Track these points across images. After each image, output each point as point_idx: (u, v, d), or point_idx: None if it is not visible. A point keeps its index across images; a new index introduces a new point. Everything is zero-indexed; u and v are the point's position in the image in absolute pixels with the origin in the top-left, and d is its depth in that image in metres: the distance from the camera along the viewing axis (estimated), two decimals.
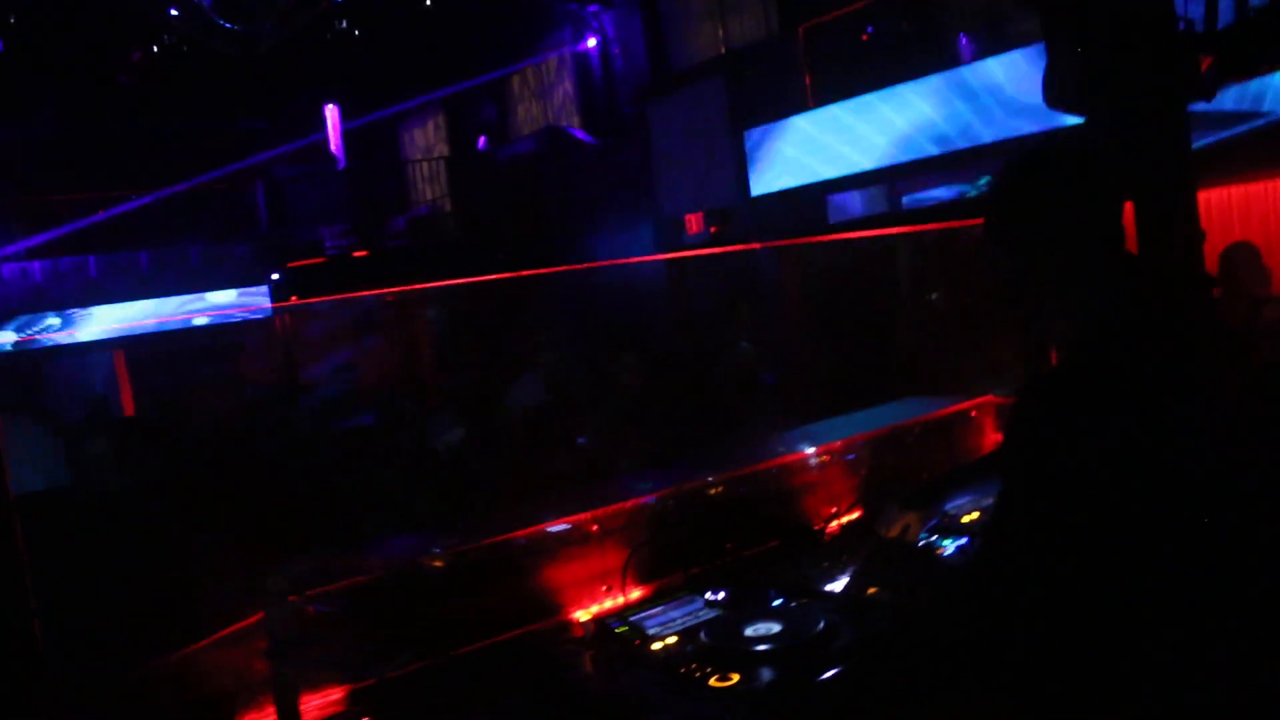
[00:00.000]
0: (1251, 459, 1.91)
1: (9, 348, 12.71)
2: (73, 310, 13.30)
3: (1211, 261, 5.16)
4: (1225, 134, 7.50)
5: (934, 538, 3.12)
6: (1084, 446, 1.81)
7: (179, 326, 13.58)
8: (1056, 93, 3.69)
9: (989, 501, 3.29)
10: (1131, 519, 1.81)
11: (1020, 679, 2.02)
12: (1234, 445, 1.88)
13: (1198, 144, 3.76)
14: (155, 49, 15.60)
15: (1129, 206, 3.14)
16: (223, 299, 14.08)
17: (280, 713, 2.62)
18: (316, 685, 2.73)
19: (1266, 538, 1.85)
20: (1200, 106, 3.54)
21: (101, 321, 13.52)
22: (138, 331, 13.41)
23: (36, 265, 14.06)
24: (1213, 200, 7.91)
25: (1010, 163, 2.06)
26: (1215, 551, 1.82)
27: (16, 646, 2.69)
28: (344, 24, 15.85)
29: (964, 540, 3.09)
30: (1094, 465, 1.80)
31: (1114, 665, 1.85)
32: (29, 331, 13.07)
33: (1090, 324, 1.93)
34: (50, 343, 12.99)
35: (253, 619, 2.75)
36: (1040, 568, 1.89)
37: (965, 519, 3.26)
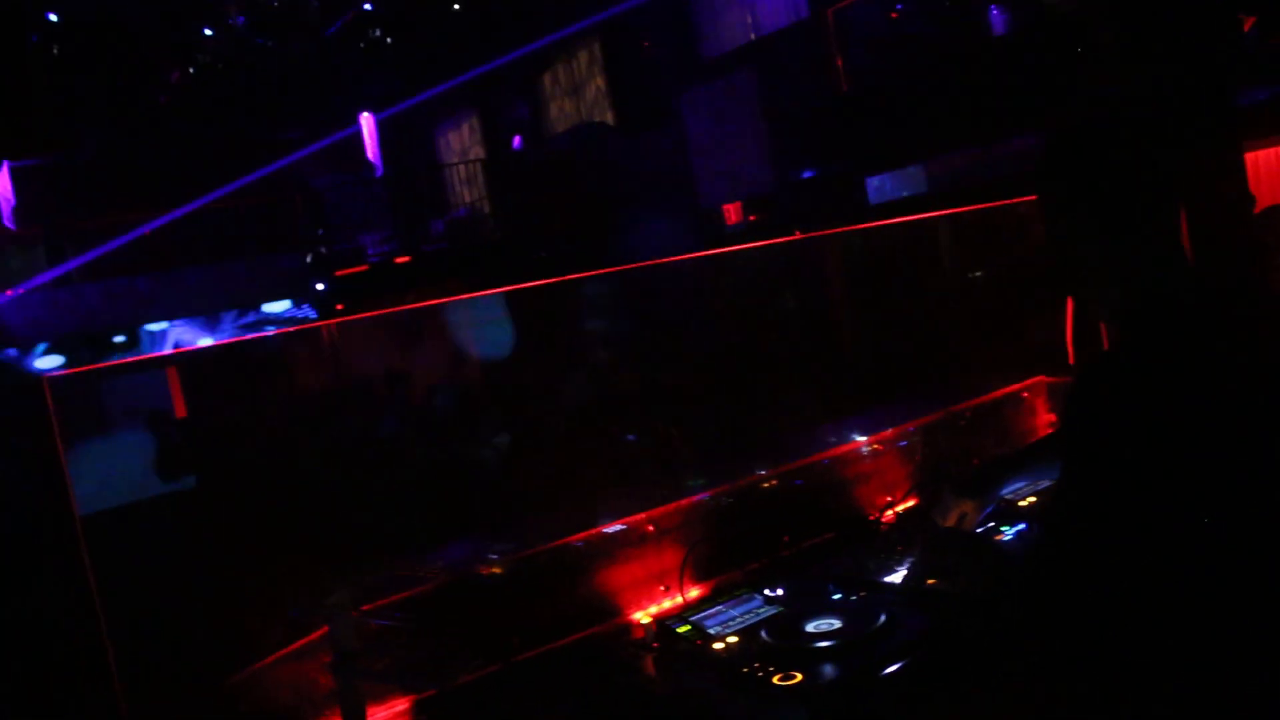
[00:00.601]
0: None
1: (57, 370, 12.94)
2: (135, 329, 13.56)
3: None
4: (1272, 90, 7.36)
5: (991, 524, 3.09)
6: (1146, 427, 1.78)
7: (233, 339, 13.78)
8: (1093, 60, 3.63)
9: (1045, 484, 3.26)
10: (1197, 501, 1.78)
11: (1085, 666, 1.99)
12: None
13: (1242, 103, 3.68)
14: (191, 69, 15.80)
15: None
16: (277, 309, 14.32)
17: None
18: (382, 697, 2.76)
19: None
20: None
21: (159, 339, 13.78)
22: (196, 347, 13.62)
23: (89, 288, 14.31)
24: (1260, 160, 7.76)
25: (1059, 135, 2.02)
26: None
27: (89, 669, 2.74)
28: (377, 32, 15.95)
29: (1022, 526, 3.06)
30: (1157, 447, 1.77)
31: (1181, 652, 1.82)
32: (90, 352, 13.34)
33: (1145, 300, 1.90)
34: (110, 362, 13.20)
35: (316, 634, 2.78)
36: (1104, 553, 1.87)
37: (1022, 503, 3.23)
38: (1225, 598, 1.78)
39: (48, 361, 13.25)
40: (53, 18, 12.61)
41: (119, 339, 13.55)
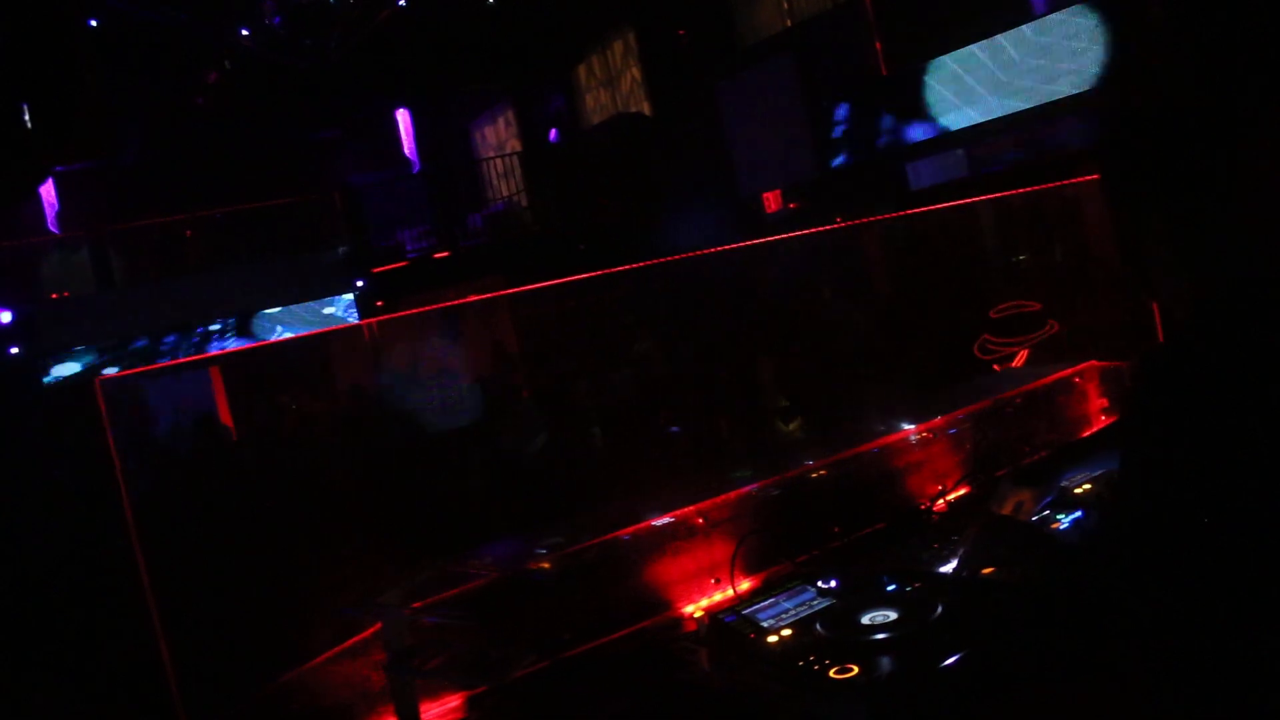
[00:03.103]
0: None
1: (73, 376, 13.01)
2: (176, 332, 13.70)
3: None
4: None
5: (1047, 512, 3.04)
6: (1212, 420, 1.73)
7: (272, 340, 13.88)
8: (1142, 34, 3.55)
9: (1100, 472, 3.21)
10: (1263, 494, 1.73)
11: (1145, 657, 1.96)
12: None
13: None
14: (228, 69, 15.90)
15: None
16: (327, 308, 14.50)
17: None
18: (435, 694, 2.76)
19: None
20: None
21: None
22: (236, 347, 13.73)
23: (131, 291, 14.47)
24: None
25: (1125, 110, 1.96)
26: None
27: (144, 669, 2.76)
28: (411, 28, 15.94)
29: (1078, 514, 3.01)
30: (1222, 437, 1.72)
31: (1241, 643, 1.78)
32: (131, 356, 13.46)
33: (1214, 285, 1.84)
34: (156, 364, 13.32)
35: (369, 632, 2.79)
36: (1164, 546, 1.82)
37: (1078, 490, 3.17)
38: None
39: (65, 369, 13.28)
40: (93, 23, 12.73)
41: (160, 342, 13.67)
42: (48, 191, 16.74)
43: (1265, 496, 1.73)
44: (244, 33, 14.11)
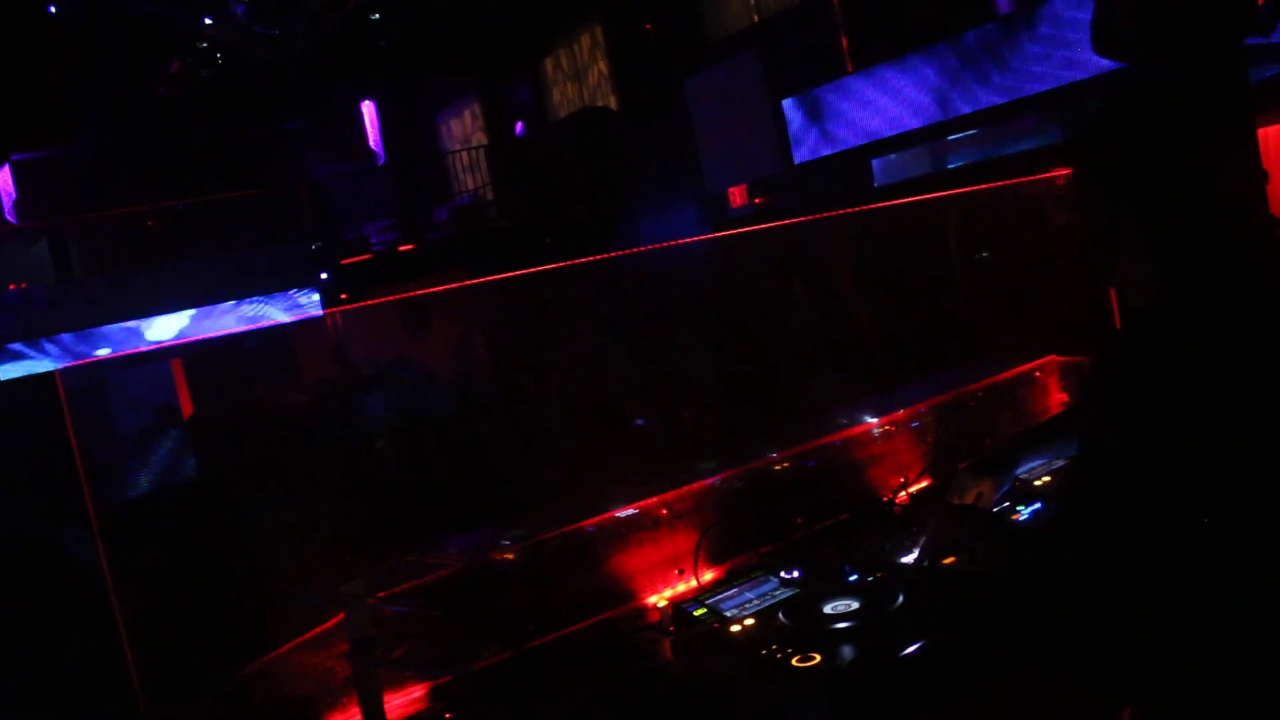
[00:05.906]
0: None
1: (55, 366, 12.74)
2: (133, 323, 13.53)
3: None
4: None
5: (1006, 504, 3.08)
6: (1170, 402, 1.76)
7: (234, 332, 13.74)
8: (1106, 37, 3.59)
9: (1060, 464, 3.25)
10: (1220, 477, 1.76)
11: (1103, 642, 1.98)
12: None
13: (1256, 79, 3.65)
14: (191, 58, 15.72)
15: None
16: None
17: (365, 714, 2.64)
18: (398, 684, 2.75)
19: None
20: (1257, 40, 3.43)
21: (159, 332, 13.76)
22: (198, 339, 13.59)
23: (91, 280, 14.29)
24: (1270, 137, 7.71)
25: (1101, 106, 1.99)
26: None
27: (105, 661, 2.74)
28: (375, 17, 15.81)
29: (1038, 505, 3.05)
30: (1181, 421, 1.75)
31: (1200, 625, 1.81)
32: (87, 348, 13.29)
33: (1177, 274, 1.87)
34: (111, 357, 13.16)
35: (332, 622, 2.78)
36: (1124, 529, 1.85)
37: (1037, 483, 3.22)
38: (1249, 573, 1.76)
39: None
40: (52, 10, 12.56)
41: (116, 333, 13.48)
42: (4, 180, 16.51)
43: (1226, 482, 1.76)
44: (207, 21, 13.95)
